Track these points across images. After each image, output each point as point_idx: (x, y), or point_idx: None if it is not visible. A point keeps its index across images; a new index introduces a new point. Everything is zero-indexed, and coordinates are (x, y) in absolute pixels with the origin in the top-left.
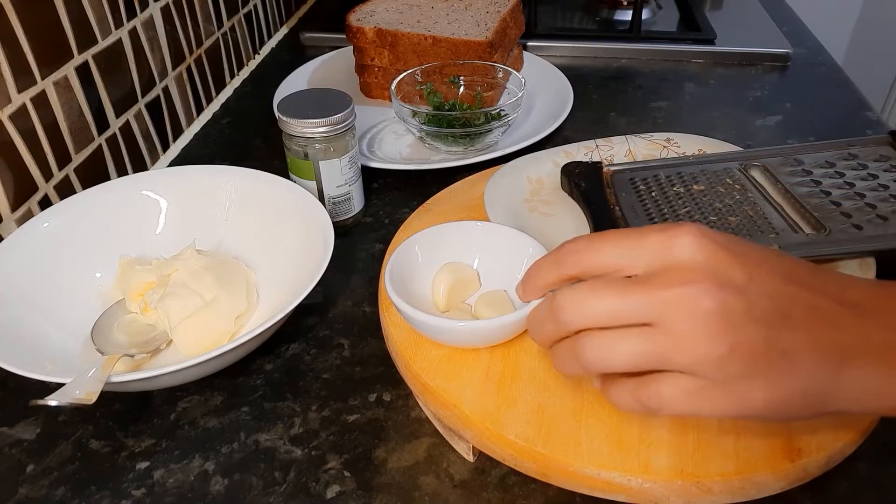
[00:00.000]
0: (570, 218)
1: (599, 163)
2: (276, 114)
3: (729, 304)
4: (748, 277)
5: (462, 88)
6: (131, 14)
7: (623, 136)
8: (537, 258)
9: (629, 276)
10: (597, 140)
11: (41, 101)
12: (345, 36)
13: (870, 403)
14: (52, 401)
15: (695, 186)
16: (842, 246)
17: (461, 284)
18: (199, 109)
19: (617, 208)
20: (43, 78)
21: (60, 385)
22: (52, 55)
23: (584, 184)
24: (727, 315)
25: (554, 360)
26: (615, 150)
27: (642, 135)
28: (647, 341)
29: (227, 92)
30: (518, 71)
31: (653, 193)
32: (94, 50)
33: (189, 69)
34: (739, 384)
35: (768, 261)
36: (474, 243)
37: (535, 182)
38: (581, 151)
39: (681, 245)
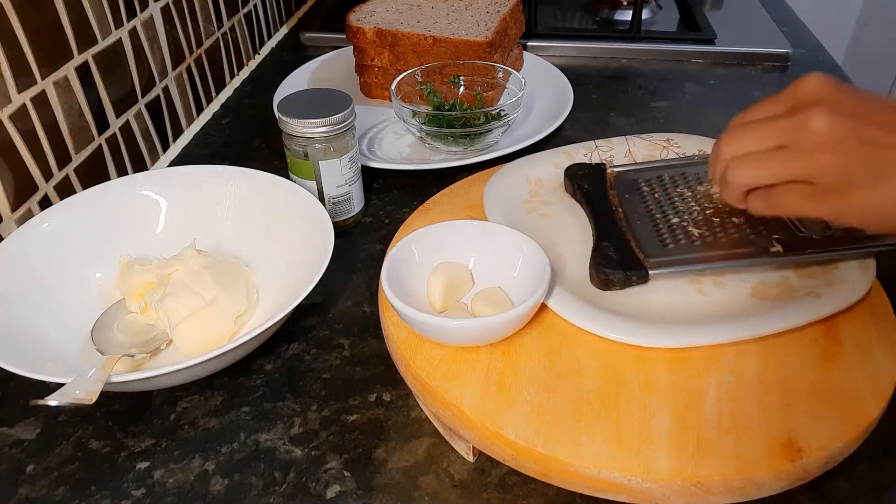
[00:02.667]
0: (570, 219)
1: (603, 164)
2: (276, 114)
3: (838, 124)
4: (858, 105)
5: (462, 88)
6: (131, 14)
7: (623, 137)
8: (532, 256)
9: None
10: (596, 141)
11: (41, 101)
12: (345, 36)
13: None
14: (52, 401)
15: (699, 187)
16: (843, 246)
17: (455, 284)
18: (199, 109)
19: (620, 210)
20: (43, 78)
21: (60, 385)
22: (52, 55)
23: (588, 186)
24: (836, 132)
25: (720, 190)
26: (615, 151)
27: (642, 135)
28: (776, 159)
29: (227, 92)
30: (518, 71)
31: (656, 195)
32: (94, 50)
33: (189, 69)
34: (845, 189)
35: (879, 97)
36: (470, 242)
37: (534, 183)
38: (581, 152)
39: (804, 86)
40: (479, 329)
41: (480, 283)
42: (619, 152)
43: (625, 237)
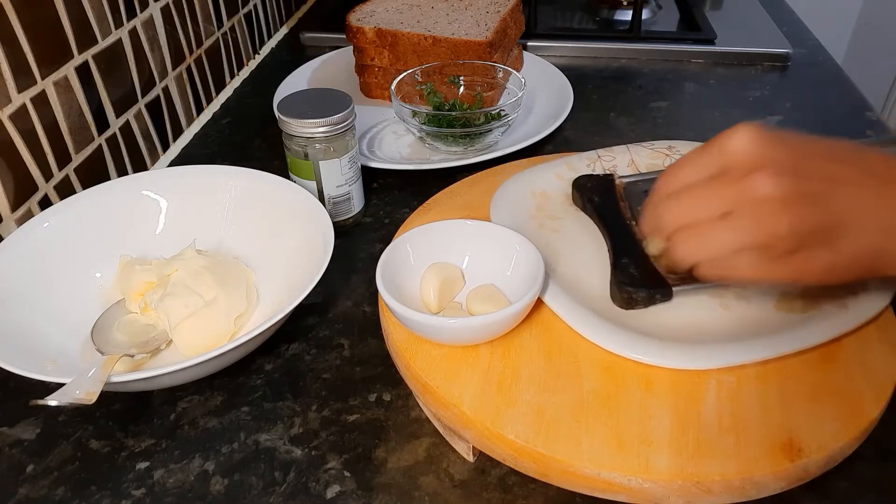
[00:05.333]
0: (579, 231)
1: (611, 175)
2: (276, 114)
3: (783, 188)
4: (797, 159)
5: (462, 88)
6: (131, 14)
7: (624, 146)
8: (526, 254)
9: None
10: (598, 150)
11: (41, 101)
12: (345, 36)
13: None
14: (52, 401)
15: None
16: None
17: (448, 283)
18: (199, 109)
19: (633, 223)
20: (43, 78)
21: (60, 385)
22: (52, 55)
23: (598, 198)
24: (783, 197)
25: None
26: (617, 161)
27: (643, 143)
28: (725, 231)
29: (227, 92)
30: (518, 71)
31: None
32: (94, 50)
33: (189, 69)
34: (800, 254)
35: (812, 144)
36: (464, 241)
37: (539, 196)
38: (583, 162)
39: (734, 145)
40: (475, 327)
41: (474, 282)
42: (622, 162)
43: (643, 252)
